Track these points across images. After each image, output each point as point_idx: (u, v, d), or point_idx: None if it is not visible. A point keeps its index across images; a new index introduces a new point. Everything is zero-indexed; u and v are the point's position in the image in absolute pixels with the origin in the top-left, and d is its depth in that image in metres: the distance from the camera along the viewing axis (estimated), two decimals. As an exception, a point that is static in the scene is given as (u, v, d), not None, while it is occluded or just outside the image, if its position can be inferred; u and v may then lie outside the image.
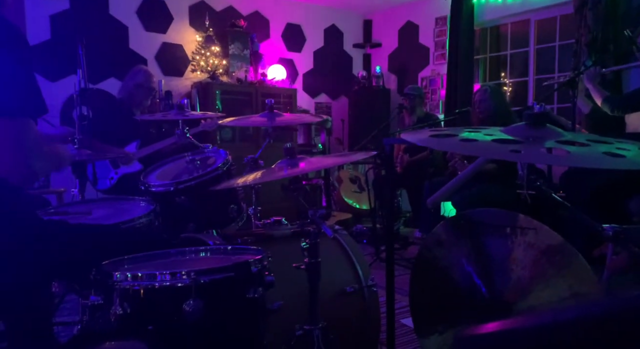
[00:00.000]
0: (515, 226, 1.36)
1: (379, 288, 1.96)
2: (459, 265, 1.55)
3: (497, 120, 3.75)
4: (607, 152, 0.79)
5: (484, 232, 1.47)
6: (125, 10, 4.59)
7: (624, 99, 2.83)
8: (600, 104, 2.87)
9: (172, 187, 1.81)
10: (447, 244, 1.59)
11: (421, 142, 0.91)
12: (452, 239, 1.58)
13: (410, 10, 5.94)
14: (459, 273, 1.55)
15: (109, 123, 3.64)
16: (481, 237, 1.48)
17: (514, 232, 1.37)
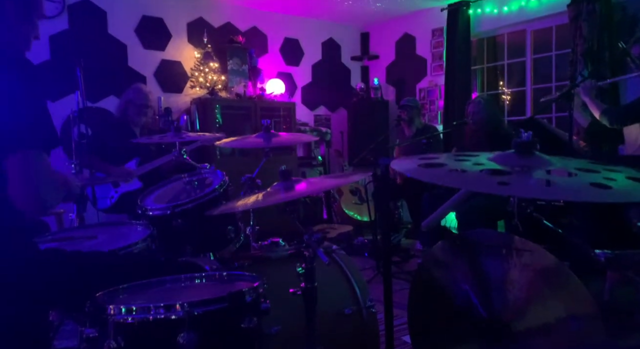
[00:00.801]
0: (511, 247, 1.35)
1: (380, 302, 1.96)
2: (456, 285, 1.55)
3: (490, 131, 3.77)
4: (594, 183, 0.79)
5: (481, 253, 1.47)
6: (124, 29, 4.64)
7: (623, 112, 2.83)
8: (599, 117, 2.87)
9: (168, 211, 1.82)
10: (445, 264, 1.59)
11: (410, 173, 0.92)
12: (449, 259, 1.58)
13: (406, 23, 5.98)
14: (456, 293, 1.55)
15: (108, 141, 3.67)
16: (478, 257, 1.47)
17: (509, 253, 1.37)
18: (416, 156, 1.08)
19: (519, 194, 0.76)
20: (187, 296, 1.22)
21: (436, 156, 1.08)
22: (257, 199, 1.48)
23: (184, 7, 5.00)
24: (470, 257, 1.50)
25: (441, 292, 1.58)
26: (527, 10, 4.83)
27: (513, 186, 0.78)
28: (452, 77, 5.36)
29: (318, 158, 6.07)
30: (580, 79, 4.08)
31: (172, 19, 4.93)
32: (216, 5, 5.25)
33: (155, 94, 4.77)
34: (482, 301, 1.46)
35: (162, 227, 1.83)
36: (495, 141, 3.75)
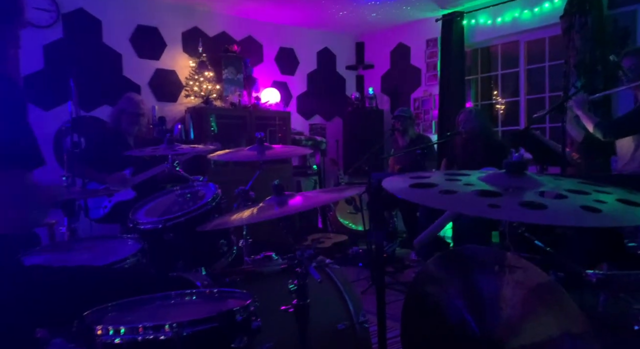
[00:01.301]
0: (504, 264, 1.35)
1: (375, 315, 1.94)
2: (450, 301, 1.54)
3: (482, 141, 3.81)
4: (585, 206, 0.79)
5: (474, 269, 1.46)
6: (119, 38, 4.63)
7: (616, 125, 2.85)
8: (592, 130, 2.88)
9: (160, 225, 1.80)
10: (439, 280, 1.58)
11: (401, 194, 0.91)
12: (443, 274, 1.57)
13: (401, 33, 6.01)
14: (450, 309, 1.54)
15: (102, 150, 3.65)
16: (471, 274, 1.47)
17: (502, 270, 1.37)
18: (408, 174, 1.08)
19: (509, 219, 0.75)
20: (177, 315, 1.21)
21: (427, 174, 1.08)
22: (250, 215, 1.47)
23: (179, 17, 5.01)
24: (463, 273, 1.49)
25: (434, 308, 1.57)
26: (521, 22, 4.87)
27: (503, 209, 0.77)
28: (446, 87, 5.39)
29: (313, 167, 6.07)
30: (573, 91, 4.13)
31: (167, 28, 4.93)
32: (211, 15, 5.26)
33: (149, 103, 4.77)
34: (476, 318, 1.45)
35: (153, 241, 1.81)
36: (487, 152, 3.77)
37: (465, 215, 3.21)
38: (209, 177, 2.69)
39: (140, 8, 4.73)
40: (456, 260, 1.53)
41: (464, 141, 3.96)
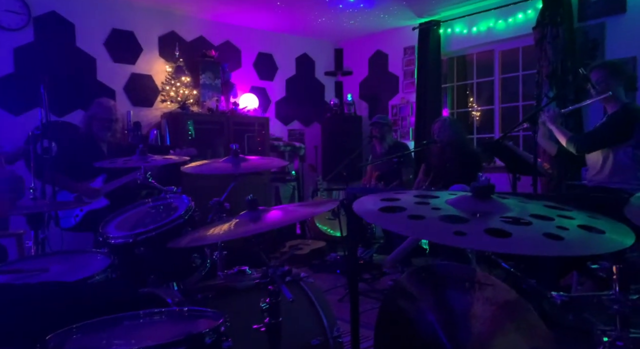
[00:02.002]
0: (474, 281, 1.37)
1: (348, 322, 1.95)
2: (422, 316, 1.55)
3: (456, 149, 3.87)
4: (547, 233, 0.80)
5: (446, 285, 1.48)
6: (93, 42, 4.54)
7: (589, 139, 2.89)
8: (565, 145, 2.94)
9: (131, 239, 1.77)
10: (412, 295, 1.59)
11: (371, 218, 0.92)
12: (416, 290, 1.58)
13: (379, 40, 6.06)
14: (422, 324, 1.55)
15: (74, 156, 3.58)
16: (443, 290, 1.48)
17: (472, 286, 1.38)
18: (379, 194, 1.08)
19: (474, 247, 0.76)
20: (144, 338, 1.19)
21: (399, 195, 1.09)
22: (222, 232, 1.45)
23: (155, 21, 4.94)
24: (436, 289, 1.51)
25: (407, 322, 1.58)
26: (495, 31, 4.97)
27: (469, 237, 0.78)
28: (423, 95, 5.45)
29: (292, 173, 6.05)
30: (545, 101, 4.23)
31: (143, 32, 4.86)
32: (189, 19, 5.21)
33: (124, 108, 4.70)
34: (447, 333, 1.47)
35: (124, 256, 1.78)
36: (461, 161, 3.83)
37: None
38: (184, 186, 2.65)
39: (115, 11, 4.65)
40: (429, 276, 1.54)
41: (439, 150, 4.02)
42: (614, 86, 2.83)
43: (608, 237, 0.83)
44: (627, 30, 4.04)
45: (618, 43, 4.10)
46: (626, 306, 0.96)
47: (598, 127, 2.95)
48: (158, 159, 2.14)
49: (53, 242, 3.44)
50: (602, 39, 4.18)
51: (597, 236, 0.82)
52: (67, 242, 3.39)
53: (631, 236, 0.86)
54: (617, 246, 0.80)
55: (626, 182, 2.77)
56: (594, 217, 0.94)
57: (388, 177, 4.58)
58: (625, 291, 0.99)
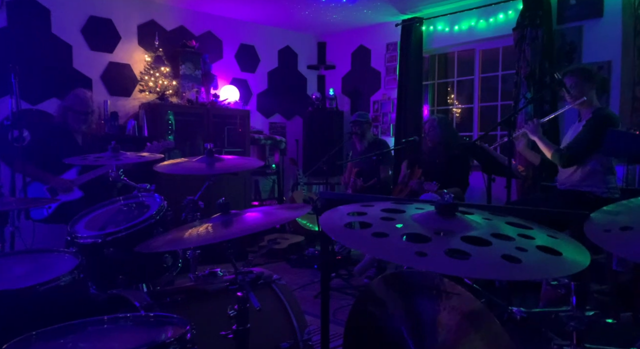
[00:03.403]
0: (440, 289, 1.39)
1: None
2: (391, 322, 1.57)
3: (443, 148, 3.92)
4: (506, 255, 0.82)
5: (415, 293, 1.49)
6: (69, 29, 4.42)
7: (574, 153, 2.91)
8: (550, 157, 2.98)
9: (100, 239, 1.74)
10: (381, 301, 1.60)
11: (334, 235, 0.92)
12: (385, 296, 1.59)
13: (362, 35, 6.04)
14: (391, 330, 1.57)
15: (47, 147, 3.50)
16: (412, 297, 1.50)
17: (439, 295, 1.40)
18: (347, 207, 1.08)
19: (434, 270, 0.77)
20: (108, 345, 1.18)
21: (367, 208, 1.09)
22: (191, 237, 1.44)
23: (134, 9, 4.83)
24: (405, 296, 1.52)
25: (376, 328, 1.60)
26: (476, 31, 5.00)
27: (430, 258, 0.79)
28: (405, 91, 5.47)
29: (272, 166, 6.03)
30: (523, 102, 4.28)
31: (121, 20, 4.75)
32: (169, 8, 5.11)
33: (101, 98, 4.60)
34: (415, 340, 1.49)
35: (92, 256, 1.75)
36: (449, 161, 3.88)
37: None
38: (159, 182, 2.61)
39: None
40: (398, 283, 1.56)
41: (429, 149, 4.08)
42: (587, 91, 2.89)
43: (565, 259, 0.85)
44: (604, 35, 4.11)
45: (595, 47, 4.17)
46: (583, 323, 0.99)
47: (579, 140, 2.92)
48: (131, 156, 2.10)
49: (24, 235, 3.38)
50: (580, 42, 4.25)
51: (554, 259, 0.84)
52: (38, 235, 3.33)
53: (587, 257, 0.88)
54: (572, 269, 0.82)
55: (595, 186, 2.84)
56: (554, 236, 0.95)
57: (367, 174, 4.61)
58: (582, 307, 1.01)
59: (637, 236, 0.89)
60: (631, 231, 0.92)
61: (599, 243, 0.91)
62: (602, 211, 1.14)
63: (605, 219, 1.06)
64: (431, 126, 4.01)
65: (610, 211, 1.14)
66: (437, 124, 4.00)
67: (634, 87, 3.97)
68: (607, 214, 1.10)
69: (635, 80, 3.96)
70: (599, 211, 1.13)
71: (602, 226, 1.00)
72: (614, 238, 0.92)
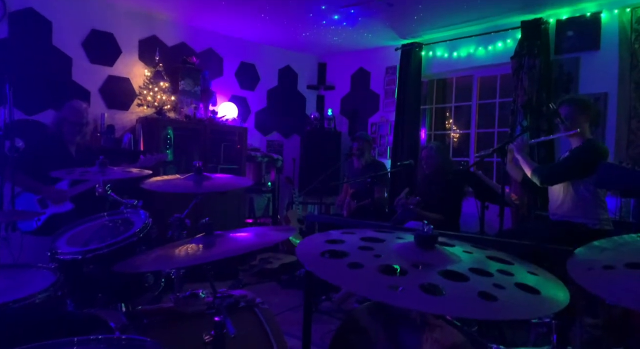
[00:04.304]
0: (425, 321, 1.36)
1: (314, 345, 1.91)
2: (373, 350, 1.53)
3: (442, 174, 3.90)
4: (482, 292, 0.79)
5: (398, 323, 1.46)
6: (70, 42, 4.45)
7: (553, 172, 2.93)
8: (530, 175, 2.98)
9: (80, 256, 1.71)
10: (364, 329, 1.57)
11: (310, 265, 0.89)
12: (368, 324, 1.56)
13: (362, 58, 6.10)
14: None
15: (41, 157, 3.47)
16: (395, 327, 1.46)
17: (422, 327, 1.37)
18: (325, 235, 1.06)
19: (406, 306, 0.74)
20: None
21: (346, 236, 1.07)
22: (170, 258, 1.41)
23: (136, 24, 4.88)
24: (387, 326, 1.49)
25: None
26: (475, 58, 5.04)
27: (402, 293, 0.77)
28: (402, 115, 5.49)
29: (268, 184, 6.01)
30: (519, 129, 4.29)
31: (123, 34, 4.79)
32: (171, 24, 5.16)
33: (98, 111, 4.61)
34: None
35: (72, 273, 1.71)
36: (445, 188, 3.84)
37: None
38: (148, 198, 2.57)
39: (95, 12, 4.57)
40: (382, 312, 1.52)
41: (424, 176, 4.06)
42: (581, 122, 2.89)
43: (543, 298, 0.82)
44: (600, 67, 4.14)
45: (591, 78, 4.20)
46: (563, 363, 0.95)
47: (561, 161, 2.99)
48: (117, 171, 2.08)
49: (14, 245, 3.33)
50: (577, 73, 4.28)
51: (531, 298, 0.81)
52: (26, 248, 3.28)
53: (566, 295, 0.86)
54: (550, 309, 0.79)
55: (587, 217, 2.81)
56: (534, 273, 0.93)
57: (362, 195, 4.59)
58: (564, 346, 0.98)
59: (618, 276, 0.86)
60: (613, 270, 0.89)
61: (580, 282, 0.88)
62: (589, 247, 1.11)
63: (590, 255, 1.03)
64: (429, 154, 3.99)
65: (597, 246, 1.12)
66: (435, 152, 3.98)
67: (630, 121, 3.98)
68: (593, 250, 1.08)
69: (631, 113, 3.98)
70: (586, 247, 1.11)
71: (586, 263, 0.97)
72: (595, 277, 0.90)
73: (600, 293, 0.83)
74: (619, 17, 4.06)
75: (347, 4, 4.37)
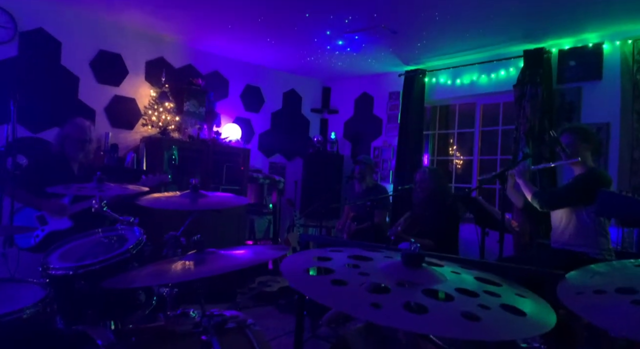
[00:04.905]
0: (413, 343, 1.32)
1: None
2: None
3: (436, 199, 3.87)
4: (466, 312, 0.77)
5: (388, 346, 1.43)
6: (79, 61, 4.54)
7: (553, 197, 2.92)
8: (530, 200, 2.96)
9: (71, 272, 1.69)
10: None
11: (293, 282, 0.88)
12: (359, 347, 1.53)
13: (366, 83, 6.17)
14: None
15: (43, 173, 3.49)
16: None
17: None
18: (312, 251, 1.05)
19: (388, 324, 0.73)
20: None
21: (334, 254, 1.05)
22: (159, 273, 1.40)
23: (144, 46, 4.98)
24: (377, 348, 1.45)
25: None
26: (478, 85, 5.08)
27: (385, 311, 0.75)
28: (405, 140, 5.51)
29: (269, 206, 6.00)
30: (521, 156, 4.29)
31: (131, 55, 4.88)
32: (179, 46, 5.26)
33: (103, 129, 4.66)
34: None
35: (63, 289, 1.70)
36: (440, 212, 3.82)
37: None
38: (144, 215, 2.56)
39: (104, 33, 4.67)
40: (372, 334, 1.49)
41: (421, 198, 4.03)
42: (582, 151, 2.88)
43: (528, 319, 0.80)
44: (603, 97, 4.15)
45: (593, 108, 4.21)
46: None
47: (563, 187, 2.98)
48: (114, 188, 2.08)
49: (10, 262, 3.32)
50: (579, 103, 4.29)
51: (516, 319, 0.79)
52: (23, 264, 3.28)
53: (552, 317, 0.84)
54: (535, 331, 0.77)
55: (588, 246, 2.77)
56: (521, 295, 0.91)
57: (363, 218, 4.57)
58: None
59: (608, 300, 0.84)
60: (604, 295, 0.88)
61: (569, 306, 0.86)
62: (584, 270, 1.09)
63: (581, 280, 1.01)
64: (422, 177, 3.98)
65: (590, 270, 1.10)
66: (429, 176, 3.97)
67: (633, 151, 3.96)
68: (585, 274, 1.06)
69: (634, 144, 3.96)
70: (580, 270, 1.09)
71: (576, 287, 0.96)
72: (585, 301, 0.88)
73: (590, 318, 0.81)
74: (620, 48, 4.09)
75: (352, 29, 4.45)
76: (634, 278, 0.97)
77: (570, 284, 0.98)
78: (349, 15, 4.09)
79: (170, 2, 4.06)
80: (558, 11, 3.76)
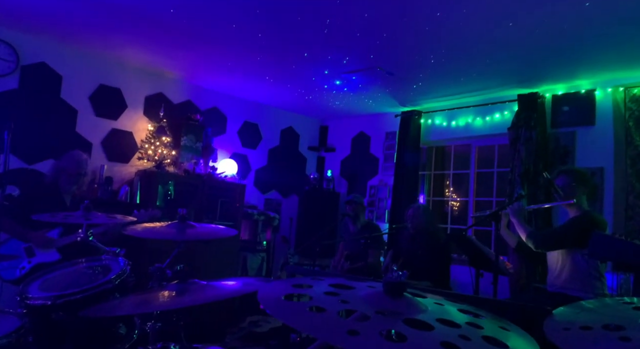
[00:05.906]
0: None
1: None
2: None
3: (426, 236, 3.84)
4: (445, 342, 0.74)
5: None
6: (78, 95, 4.61)
7: (547, 238, 2.89)
8: (525, 240, 2.93)
9: (49, 302, 1.64)
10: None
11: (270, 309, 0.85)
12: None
13: (363, 122, 6.26)
14: None
15: (34, 204, 3.45)
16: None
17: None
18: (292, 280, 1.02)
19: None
20: None
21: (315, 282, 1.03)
22: (140, 302, 1.36)
23: (144, 81, 5.07)
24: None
25: None
26: (473, 127, 5.15)
27: (360, 338, 0.72)
28: (401, 179, 5.52)
29: (263, 243, 5.93)
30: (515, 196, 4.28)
31: (130, 90, 4.96)
32: (178, 82, 5.36)
33: (99, 162, 4.67)
34: None
35: (40, 320, 1.64)
36: (430, 248, 3.78)
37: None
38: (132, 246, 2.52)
39: (105, 68, 4.77)
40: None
41: (411, 236, 3.99)
42: (578, 194, 2.86)
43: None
44: (596, 142, 4.19)
45: (588, 152, 4.23)
46: None
47: (558, 228, 2.95)
48: (101, 217, 2.05)
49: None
50: (573, 147, 4.33)
51: (499, 352, 0.76)
52: (6, 295, 3.19)
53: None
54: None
55: (583, 290, 2.71)
56: (505, 328, 0.88)
57: (356, 257, 4.50)
58: None
59: (594, 336, 0.82)
60: (589, 331, 0.85)
61: (555, 341, 0.83)
62: (573, 306, 1.07)
63: (569, 316, 0.98)
64: (414, 213, 3.97)
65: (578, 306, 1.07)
66: (421, 212, 3.96)
67: (627, 196, 3.95)
68: (573, 310, 1.03)
69: (628, 188, 3.95)
70: (569, 306, 1.06)
71: (563, 323, 0.93)
72: (571, 337, 0.85)
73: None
74: (612, 95, 4.16)
75: (349, 70, 4.55)
76: (622, 315, 0.94)
77: (557, 319, 0.95)
78: (346, 55, 4.19)
79: (171, 42, 4.17)
80: (551, 59, 3.86)
